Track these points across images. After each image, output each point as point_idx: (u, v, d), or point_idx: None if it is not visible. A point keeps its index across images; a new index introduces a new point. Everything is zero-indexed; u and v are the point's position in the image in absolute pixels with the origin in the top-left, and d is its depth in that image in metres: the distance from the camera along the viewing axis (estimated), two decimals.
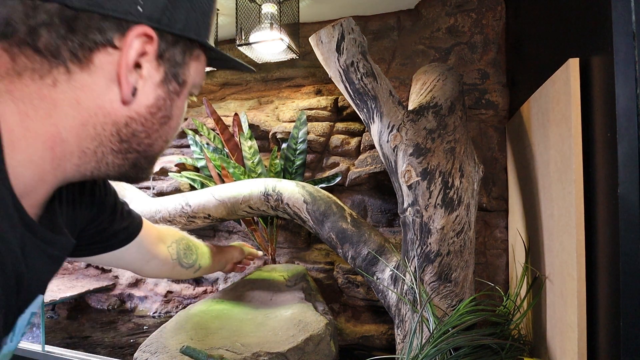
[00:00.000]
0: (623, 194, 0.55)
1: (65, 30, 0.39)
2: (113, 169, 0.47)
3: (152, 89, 0.45)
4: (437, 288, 0.84)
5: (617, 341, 0.56)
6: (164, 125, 0.48)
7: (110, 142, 0.45)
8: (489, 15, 1.27)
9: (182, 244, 0.92)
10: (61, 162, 0.43)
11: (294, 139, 1.39)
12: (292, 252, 1.47)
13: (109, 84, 0.42)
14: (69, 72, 0.41)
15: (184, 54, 0.47)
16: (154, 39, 0.43)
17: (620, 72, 0.56)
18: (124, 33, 0.41)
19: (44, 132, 0.41)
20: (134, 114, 0.45)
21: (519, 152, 1.05)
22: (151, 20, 0.42)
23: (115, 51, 0.41)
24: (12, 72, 0.39)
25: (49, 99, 0.40)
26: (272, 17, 1.24)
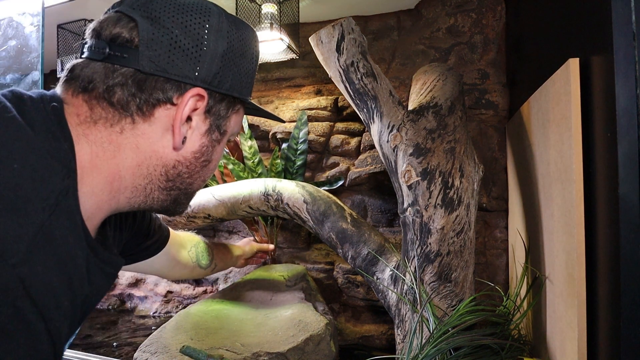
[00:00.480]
0: (623, 194, 0.55)
1: (135, 89, 0.49)
2: (157, 203, 0.55)
3: (198, 137, 0.54)
4: (437, 288, 0.84)
5: (617, 341, 0.56)
6: (204, 167, 0.57)
7: (159, 181, 0.53)
8: (489, 15, 1.27)
9: (199, 248, 1.02)
10: (117, 194, 0.51)
11: (295, 139, 1.39)
12: (292, 252, 1.47)
13: (164, 132, 0.51)
14: (133, 122, 0.49)
15: (227, 109, 0.56)
16: (205, 97, 0.52)
17: (620, 72, 0.56)
18: (182, 93, 0.50)
19: (107, 170, 0.49)
20: (181, 158, 0.53)
21: (519, 152, 1.05)
22: (204, 83, 0.51)
23: (172, 107, 0.51)
24: (90, 119, 0.48)
25: (116, 143, 0.49)
26: (272, 17, 1.24)
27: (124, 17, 0.49)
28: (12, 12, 1.40)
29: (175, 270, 0.96)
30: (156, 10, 0.49)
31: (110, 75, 0.48)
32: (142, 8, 0.50)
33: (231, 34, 0.53)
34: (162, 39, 0.49)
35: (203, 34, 0.51)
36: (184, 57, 0.50)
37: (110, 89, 0.48)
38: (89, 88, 0.48)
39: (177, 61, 0.49)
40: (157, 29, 0.49)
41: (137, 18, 0.49)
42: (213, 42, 0.51)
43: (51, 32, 1.48)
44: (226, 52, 0.53)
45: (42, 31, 1.34)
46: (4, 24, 1.41)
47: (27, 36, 1.37)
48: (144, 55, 0.48)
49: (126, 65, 0.48)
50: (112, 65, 0.48)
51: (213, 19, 0.52)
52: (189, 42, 0.50)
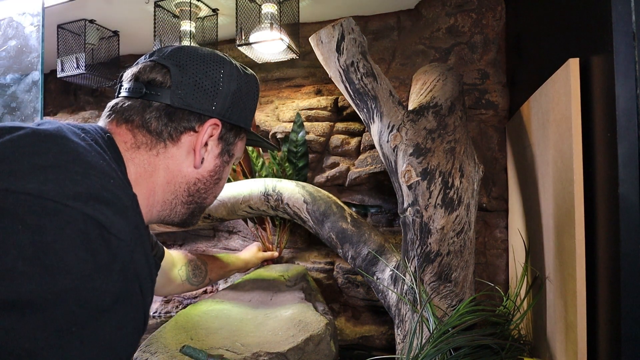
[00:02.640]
0: (623, 193, 0.55)
1: (167, 119, 0.61)
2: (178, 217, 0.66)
3: (213, 159, 0.66)
4: (437, 288, 0.84)
5: (617, 341, 0.56)
6: (216, 184, 0.68)
7: (182, 196, 0.64)
8: (489, 15, 1.27)
9: (190, 266, 1.10)
10: (151, 208, 0.62)
11: (293, 142, 1.39)
12: (292, 252, 1.47)
13: (187, 155, 0.63)
14: (165, 147, 0.61)
15: (235, 137, 0.69)
16: (219, 126, 0.65)
17: (620, 72, 0.56)
18: (202, 123, 0.63)
19: (146, 187, 0.60)
20: (200, 176, 0.65)
21: (519, 152, 1.05)
22: (219, 115, 0.64)
23: (194, 133, 0.63)
24: (134, 145, 0.60)
25: (153, 165, 0.61)
26: (272, 17, 1.24)
27: (158, 65, 0.62)
28: (12, 12, 1.40)
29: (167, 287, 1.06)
30: (183, 59, 0.63)
31: (147, 109, 0.60)
32: (172, 58, 0.63)
33: (240, 78, 0.66)
34: (188, 82, 0.62)
35: (219, 77, 0.64)
36: (204, 95, 0.62)
37: (148, 120, 0.60)
38: (130, 119, 0.60)
39: (199, 98, 0.62)
40: (184, 74, 0.62)
41: (169, 65, 0.62)
42: (227, 84, 0.64)
43: (51, 32, 1.48)
44: (236, 91, 0.66)
45: (42, 31, 1.34)
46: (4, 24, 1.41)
47: (27, 36, 1.37)
48: (175, 94, 0.61)
49: (159, 101, 0.61)
50: (148, 102, 0.61)
51: (226, 67, 0.65)
52: (208, 84, 0.63)
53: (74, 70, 1.50)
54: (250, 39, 1.26)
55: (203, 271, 1.12)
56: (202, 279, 1.12)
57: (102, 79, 1.57)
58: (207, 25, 1.41)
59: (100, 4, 1.38)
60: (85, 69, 1.48)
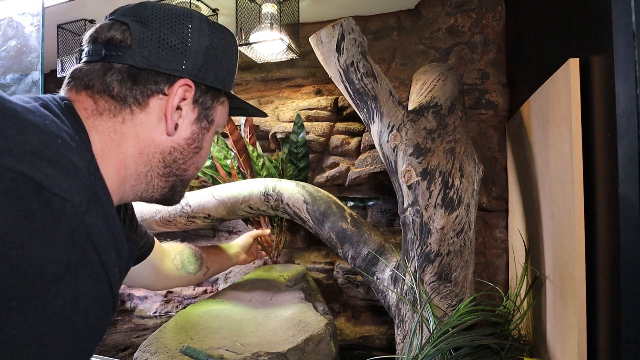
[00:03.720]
0: (623, 193, 0.55)
1: (131, 83, 0.55)
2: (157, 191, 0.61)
3: (188, 125, 0.60)
4: (437, 288, 0.84)
5: (617, 341, 0.56)
6: (196, 154, 0.62)
7: (157, 167, 0.59)
8: (489, 15, 1.27)
9: (184, 254, 1.03)
10: (123, 182, 0.56)
11: (294, 143, 1.38)
12: (292, 252, 1.47)
13: (159, 121, 0.57)
14: (132, 112, 0.55)
15: (213, 100, 0.62)
16: (192, 88, 0.58)
17: (620, 72, 0.56)
18: (171, 84, 0.57)
19: (115, 158, 0.54)
20: (176, 144, 0.59)
21: (519, 152, 1.05)
22: (190, 75, 0.58)
23: (164, 97, 0.57)
24: (96, 112, 0.54)
25: (120, 133, 0.54)
26: (272, 17, 1.24)
27: (117, 22, 0.57)
28: (12, 12, 1.40)
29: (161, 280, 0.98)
30: (145, 14, 0.56)
31: (108, 72, 0.54)
32: (132, 14, 0.57)
33: (212, 34, 0.60)
34: (151, 38, 0.55)
35: (187, 32, 0.57)
36: (171, 52, 0.56)
37: (110, 84, 0.54)
38: (90, 84, 0.54)
39: (166, 56, 0.56)
40: (146, 30, 0.55)
41: (128, 22, 0.56)
42: (196, 40, 0.58)
43: (51, 32, 1.48)
44: (208, 48, 0.59)
45: (42, 31, 1.34)
46: (4, 24, 1.41)
47: (27, 36, 1.37)
48: (137, 53, 0.54)
49: (121, 62, 0.54)
50: (109, 64, 0.55)
51: (195, 21, 0.59)
52: (175, 40, 0.56)
53: None
54: (250, 39, 1.26)
55: (199, 258, 1.05)
56: (199, 267, 1.05)
57: None
58: None
59: (100, 4, 1.38)
60: None
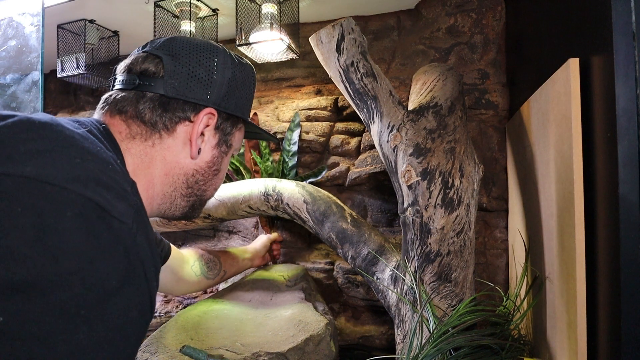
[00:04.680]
0: (623, 193, 0.55)
1: (161, 110, 0.60)
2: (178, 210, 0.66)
3: (210, 149, 0.66)
4: (437, 288, 0.84)
5: (617, 341, 0.56)
6: (215, 176, 0.68)
7: (181, 188, 0.64)
8: (489, 15, 1.27)
9: (203, 260, 1.08)
10: (151, 201, 0.61)
11: (288, 140, 1.39)
12: (292, 252, 1.47)
13: (183, 146, 0.62)
14: (161, 137, 0.61)
15: (232, 126, 0.68)
16: (215, 116, 0.64)
17: (620, 72, 0.56)
18: (197, 112, 0.62)
19: (144, 179, 0.60)
20: (198, 167, 0.65)
21: (519, 152, 1.05)
22: (214, 104, 0.63)
23: (190, 123, 0.62)
24: (129, 135, 0.59)
25: (149, 156, 0.60)
26: (272, 17, 1.24)
27: (150, 55, 0.62)
28: (12, 12, 1.40)
29: (180, 285, 1.03)
30: (175, 48, 0.62)
31: (141, 100, 0.60)
32: (164, 48, 0.62)
33: (234, 67, 0.66)
34: (181, 71, 0.61)
35: (213, 66, 0.63)
36: (198, 84, 0.62)
37: (142, 110, 0.60)
38: (124, 110, 0.60)
39: (194, 87, 0.62)
40: (177, 63, 0.61)
41: (161, 55, 0.61)
42: (221, 72, 0.64)
43: (51, 32, 1.48)
44: (231, 80, 0.65)
45: (42, 31, 1.34)
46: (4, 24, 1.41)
47: (27, 36, 1.37)
48: (168, 84, 0.60)
49: (153, 92, 0.60)
50: (142, 92, 0.60)
51: (220, 55, 0.65)
52: (202, 72, 0.62)
53: (74, 70, 1.50)
54: (250, 39, 1.25)
55: (217, 264, 1.10)
56: (217, 272, 1.10)
57: (102, 79, 1.57)
58: (207, 25, 1.41)
59: (100, 4, 1.38)
60: (85, 69, 1.48)
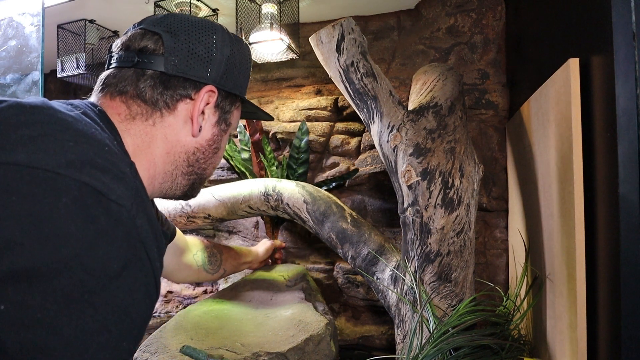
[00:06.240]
0: (623, 194, 0.55)
1: (162, 88, 0.60)
2: (179, 189, 0.66)
3: (210, 127, 0.65)
4: (437, 288, 0.84)
5: (617, 341, 0.56)
6: (215, 154, 0.68)
7: (182, 166, 0.64)
8: (489, 15, 1.27)
9: (206, 252, 1.08)
10: (152, 180, 0.61)
11: (296, 148, 1.38)
12: (292, 252, 1.47)
13: (184, 124, 0.62)
14: (162, 115, 0.60)
15: (231, 104, 0.68)
16: (215, 93, 0.63)
17: (620, 72, 0.56)
18: (198, 90, 0.62)
19: (145, 158, 0.59)
20: (199, 145, 0.64)
21: (519, 152, 1.05)
22: (214, 82, 0.63)
23: (190, 101, 0.62)
24: (129, 116, 0.58)
25: (150, 135, 0.59)
26: (272, 17, 1.24)
27: (148, 32, 0.61)
28: (12, 12, 1.40)
29: (181, 272, 1.03)
30: (174, 25, 0.61)
31: (141, 78, 0.59)
32: (161, 24, 0.61)
33: (232, 45, 0.65)
34: (181, 48, 0.60)
35: (212, 43, 0.62)
36: (198, 61, 0.61)
37: (143, 89, 0.59)
38: (124, 90, 0.59)
39: (194, 64, 0.61)
40: (176, 40, 0.60)
41: (160, 32, 0.60)
42: (220, 49, 0.63)
43: (51, 32, 1.47)
44: (229, 58, 0.64)
45: (42, 31, 1.34)
46: (4, 24, 1.41)
47: (27, 36, 1.37)
48: (168, 61, 0.59)
49: (153, 69, 0.59)
50: (141, 70, 0.59)
51: (218, 33, 0.64)
52: (202, 50, 0.61)
53: (74, 70, 1.50)
54: (250, 39, 1.25)
55: (219, 259, 1.10)
56: (217, 267, 1.10)
57: None
58: None
59: (100, 4, 1.38)
60: (85, 69, 1.48)
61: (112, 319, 0.42)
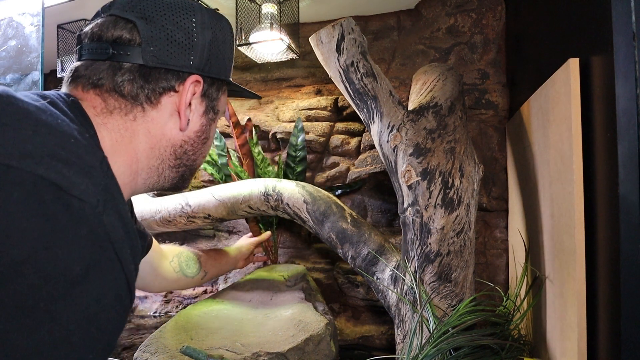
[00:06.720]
0: (623, 194, 0.55)
1: (143, 81, 0.55)
2: (168, 181, 0.62)
3: (198, 118, 0.61)
4: (437, 288, 0.84)
5: (617, 341, 0.56)
6: (204, 144, 0.64)
7: (169, 160, 0.60)
8: (489, 15, 1.27)
9: (182, 257, 1.03)
10: (135, 176, 0.57)
11: (293, 146, 1.37)
12: (292, 252, 1.47)
13: (169, 117, 0.58)
14: (144, 110, 0.56)
15: (218, 91, 0.64)
16: (201, 83, 0.59)
17: (620, 72, 0.56)
18: (182, 81, 0.57)
19: (126, 154, 0.55)
20: (186, 138, 0.61)
21: (519, 152, 1.05)
22: (198, 70, 0.58)
23: (175, 93, 0.58)
24: (106, 110, 0.54)
25: (130, 130, 0.55)
26: (272, 17, 1.24)
27: (120, 19, 0.55)
28: (12, 12, 1.40)
29: (159, 281, 0.97)
30: (147, 10, 0.56)
31: (118, 72, 0.54)
32: (133, 10, 0.55)
33: (214, 25, 0.60)
34: (159, 36, 0.55)
35: (192, 27, 0.57)
36: (179, 49, 0.56)
37: (120, 84, 0.54)
38: (99, 84, 0.54)
39: (174, 53, 0.56)
40: (153, 27, 0.55)
41: (133, 19, 0.55)
42: (201, 33, 0.58)
43: (51, 32, 1.47)
44: (212, 41, 0.60)
45: (42, 31, 1.34)
46: (4, 24, 1.41)
47: (27, 36, 1.37)
48: (146, 52, 0.54)
49: (130, 62, 0.54)
50: (118, 63, 0.54)
51: (197, 14, 0.58)
52: (181, 36, 0.56)
53: None
54: (250, 39, 1.25)
55: (197, 262, 1.05)
56: (196, 270, 1.04)
57: None
58: None
59: (100, 4, 1.37)
60: None
61: (75, 330, 0.38)
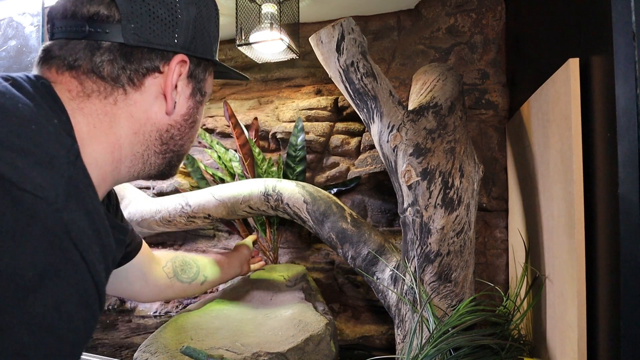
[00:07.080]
0: (623, 194, 0.55)
1: (124, 62, 0.51)
2: (154, 168, 0.58)
3: (185, 101, 0.58)
4: (437, 288, 0.84)
5: (617, 341, 0.56)
6: (191, 128, 0.60)
7: (154, 146, 0.56)
8: (489, 15, 1.27)
9: (177, 261, 0.94)
10: (118, 164, 0.53)
11: (293, 146, 1.37)
12: (292, 252, 1.47)
13: (154, 99, 0.54)
14: (126, 93, 0.52)
15: (204, 72, 0.60)
16: (187, 63, 0.55)
17: (620, 72, 0.56)
18: (167, 61, 0.54)
19: (106, 140, 0.50)
20: (173, 122, 0.57)
21: (519, 152, 1.05)
22: (183, 49, 0.55)
23: (159, 75, 0.54)
24: (82, 94, 0.49)
25: (111, 114, 0.51)
26: (272, 17, 1.24)
27: None
28: (12, 12, 1.41)
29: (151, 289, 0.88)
30: None
31: (96, 52, 0.50)
32: None
33: (197, 1, 0.56)
34: (141, 11, 0.51)
35: (175, 2, 0.53)
36: (162, 26, 0.52)
37: (99, 65, 0.50)
38: (75, 65, 0.49)
39: (157, 31, 0.52)
40: (133, 2, 0.50)
41: None
42: (185, 9, 0.54)
43: None
44: (196, 17, 0.56)
45: (42, 31, 1.34)
46: (4, 24, 1.41)
47: (27, 36, 1.37)
48: (127, 29, 0.50)
49: (110, 40, 0.50)
50: (96, 42, 0.50)
51: None
52: (164, 12, 0.52)
53: None
54: (250, 39, 1.25)
55: (194, 266, 0.96)
56: (194, 275, 0.96)
57: None
58: None
59: None
60: None
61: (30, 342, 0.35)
